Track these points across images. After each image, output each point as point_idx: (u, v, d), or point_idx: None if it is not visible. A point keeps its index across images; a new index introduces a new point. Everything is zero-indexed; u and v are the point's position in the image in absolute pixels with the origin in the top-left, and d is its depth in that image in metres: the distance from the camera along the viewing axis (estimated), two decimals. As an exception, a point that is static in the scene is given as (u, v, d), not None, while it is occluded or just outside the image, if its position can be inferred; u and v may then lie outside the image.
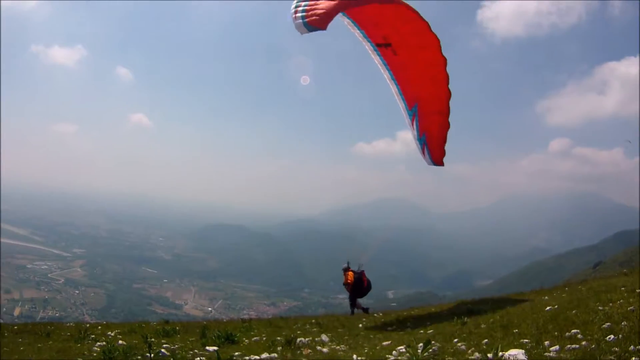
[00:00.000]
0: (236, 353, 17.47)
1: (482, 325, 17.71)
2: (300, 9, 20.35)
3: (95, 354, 19.24)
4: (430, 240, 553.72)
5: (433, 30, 23.05)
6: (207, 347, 19.60)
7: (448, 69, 23.82)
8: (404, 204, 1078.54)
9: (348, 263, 30.66)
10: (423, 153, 25.37)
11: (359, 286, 29.38)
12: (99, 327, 30.37)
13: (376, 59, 25.55)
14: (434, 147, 24.49)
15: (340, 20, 23.63)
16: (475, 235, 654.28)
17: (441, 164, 25.77)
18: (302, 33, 20.34)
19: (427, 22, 22.81)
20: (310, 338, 20.72)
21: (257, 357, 16.67)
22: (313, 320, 29.84)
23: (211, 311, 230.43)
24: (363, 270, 29.58)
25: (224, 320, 41.99)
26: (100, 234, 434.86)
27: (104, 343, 22.23)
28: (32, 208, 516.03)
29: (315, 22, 19.33)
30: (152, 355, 16.70)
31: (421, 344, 12.76)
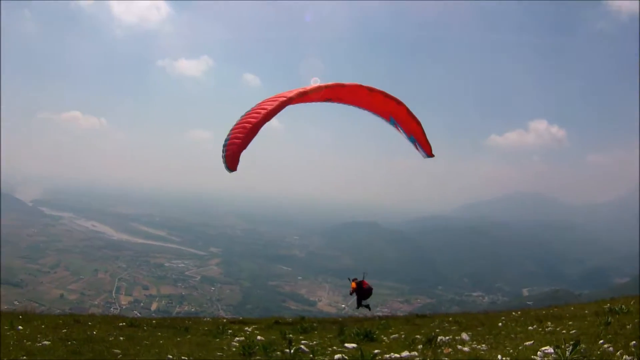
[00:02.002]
0: (376, 351, 17.24)
1: (628, 326, 16.95)
2: (224, 142, 25.20)
3: (234, 349, 19.41)
4: (566, 235, 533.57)
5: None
6: (346, 344, 19.48)
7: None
8: (539, 197, 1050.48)
9: (349, 278, 35.56)
10: (417, 149, 30.02)
11: (360, 290, 34.14)
12: (236, 323, 30.77)
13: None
14: (422, 143, 28.88)
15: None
16: (613, 229, 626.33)
17: (432, 155, 30.42)
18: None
19: (329, 84, 26.96)
20: (451, 337, 20.30)
21: (398, 356, 16.41)
22: (450, 319, 29.54)
23: (344, 308, 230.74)
24: (363, 280, 34.34)
25: (359, 317, 41.98)
26: (236, 233, 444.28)
27: (243, 338, 22.44)
28: (170, 211, 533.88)
29: (229, 165, 24.15)
30: (292, 351, 16.67)
31: (570, 345, 12.24)
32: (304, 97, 26.63)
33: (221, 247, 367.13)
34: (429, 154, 30.07)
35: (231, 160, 24.24)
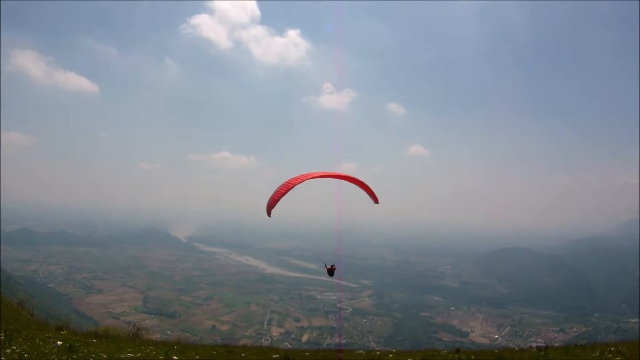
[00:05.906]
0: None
1: None
2: (270, 196, 32.04)
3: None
4: None
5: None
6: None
7: None
8: None
9: (328, 264, 41.99)
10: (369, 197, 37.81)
11: (330, 272, 40.32)
12: (390, 355, 30.61)
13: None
14: (371, 196, 36.57)
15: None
16: None
17: (377, 202, 38.70)
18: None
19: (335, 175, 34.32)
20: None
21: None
22: (612, 348, 28.53)
23: (497, 338, 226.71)
24: (334, 266, 40.80)
25: (515, 348, 41.11)
26: (386, 264, 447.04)
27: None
28: (320, 244, 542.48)
29: (267, 212, 31.81)
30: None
31: None
32: (319, 177, 33.61)
33: (372, 278, 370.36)
34: (376, 201, 38.32)
35: (268, 209, 31.92)
